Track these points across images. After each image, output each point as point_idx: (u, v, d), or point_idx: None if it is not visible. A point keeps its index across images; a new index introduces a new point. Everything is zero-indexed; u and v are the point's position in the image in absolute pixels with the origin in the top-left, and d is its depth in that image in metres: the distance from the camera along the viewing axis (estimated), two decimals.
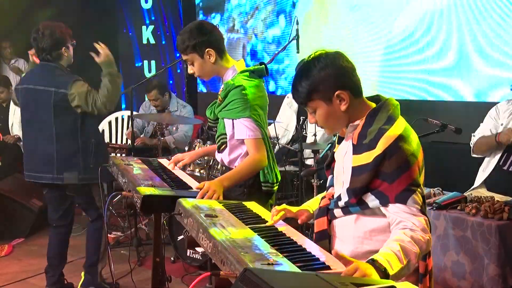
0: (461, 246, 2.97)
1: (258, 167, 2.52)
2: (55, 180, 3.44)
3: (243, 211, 2.07)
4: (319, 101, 1.81)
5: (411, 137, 1.78)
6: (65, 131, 3.41)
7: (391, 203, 1.73)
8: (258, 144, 2.51)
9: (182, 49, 2.56)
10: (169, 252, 4.21)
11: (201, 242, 1.74)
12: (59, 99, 3.35)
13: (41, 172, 3.47)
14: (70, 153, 3.43)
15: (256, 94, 2.52)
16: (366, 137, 1.78)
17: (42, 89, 3.38)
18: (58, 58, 3.43)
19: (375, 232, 1.80)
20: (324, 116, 1.83)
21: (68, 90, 3.34)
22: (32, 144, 3.53)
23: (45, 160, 3.44)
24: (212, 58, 2.54)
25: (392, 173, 1.72)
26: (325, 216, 1.92)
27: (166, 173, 2.74)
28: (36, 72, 3.50)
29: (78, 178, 3.44)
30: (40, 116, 3.42)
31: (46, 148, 3.43)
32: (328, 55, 1.82)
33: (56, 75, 3.40)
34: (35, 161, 3.50)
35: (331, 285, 1.22)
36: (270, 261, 1.48)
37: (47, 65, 3.43)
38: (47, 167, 3.44)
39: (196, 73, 2.61)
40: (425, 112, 4.06)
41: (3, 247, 4.67)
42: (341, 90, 1.79)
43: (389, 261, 1.56)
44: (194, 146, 4.25)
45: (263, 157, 2.51)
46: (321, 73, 1.79)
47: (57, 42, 3.39)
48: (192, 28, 2.55)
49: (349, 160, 1.83)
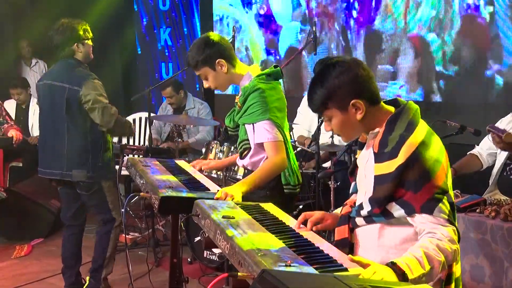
0: (481, 249, 2.93)
1: (278, 170, 2.51)
2: (64, 177, 3.45)
3: (260, 213, 2.07)
4: (334, 110, 1.79)
5: (434, 141, 1.74)
6: (76, 128, 3.42)
7: (417, 213, 1.69)
8: (277, 146, 2.50)
9: (193, 65, 2.58)
10: (186, 253, 4.23)
11: (218, 243, 1.75)
12: (72, 96, 3.36)
13: (51, 167, 3.49)
14: (80, 150, 3.43)
15: (274, 97, 2.52)
16: (387, 145, 1.74)
17: (57, 85, 3.40)
18: (72, 54, 3.43)
19: (401, 241, 1.77)
20: (339, 125, 1.81)
21: (81, 88, 3.35)
22: (45, 140, 3.56)
23: (55, 156, 3.46)
24: (224, 68, 2.56)
25: (417, 182, 1.68)
26: (346, 225, 1.89)
27: (184, 174, 2.75)
28: (55, 68, 3.55)
29: (86, 175, 3.44)
30: (53, 111, 3.45)
31: (57, 143, 3.44)
32: (344, 62, 1.79)
33: (72, 71, 3.42)
34: (47, 156, 3.53)
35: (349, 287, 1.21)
36: (287, 263, 1.47)
37: (65, 61, 3.46)
38: (57, 162, 3.45)
39: (211, 86, 2.62)
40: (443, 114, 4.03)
41: (23, 247, 4.73)
42: (357, 99, 1.75)
43: (409, 265, 1.54)
44: (211, 148, 4.26)
45: (283, 160, 2.50)
46: (336, 81, 1.76)
47: (69, 38, 3.40)
48: (199, 43, 2.58)
49: (371, 168, 1.79)
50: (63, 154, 3.43)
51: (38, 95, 3.65)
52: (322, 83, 1.78)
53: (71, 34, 3.40)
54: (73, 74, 3.40)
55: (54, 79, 3.44)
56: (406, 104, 1.82)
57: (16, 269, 4.31)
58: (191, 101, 5.53)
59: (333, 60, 1.81)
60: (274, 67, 2.62)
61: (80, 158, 3.44)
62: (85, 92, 3.35)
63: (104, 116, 3.39)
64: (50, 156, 3.51)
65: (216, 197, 2.32)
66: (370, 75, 1.80)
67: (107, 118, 3.40)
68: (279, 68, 2.62)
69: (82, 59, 3.48)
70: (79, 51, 3.45)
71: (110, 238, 3.59)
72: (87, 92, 3.35)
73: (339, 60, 1.80)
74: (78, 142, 3.43)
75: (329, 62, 1.81)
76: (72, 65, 3.44)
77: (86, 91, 3.35)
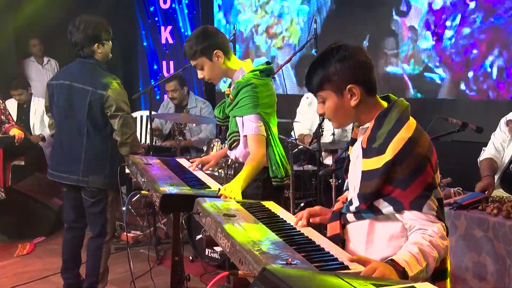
0: (483, 247, 2.93)
1: (261, 164, 2.58)
2: (80, 183, 3.33)
3: (261, 211, 2.07)
4: (330, 92, 1.78)
5: (422, 138, 1.73)
6: (96, 133, 3.30)
7: (406, 210, 1.69)
8: (259, 140, 2.57)
9: (190, 54, 2.62)
10: (188, 251, 4.23)
11: (219, 242, 1.75)
12: (96, 100, 3.23)
13: (68, 172, 3.36)
14: (98, 156, 3.33)
15: (265, 93, 2.59)
16: (376, 141, 1.74)
17: (79, 87, 3.26)
18: (91, 54, 3.29)
19: (390, 237, 1.77)
20: (332, 108, 1.80)
21: (106, 92, 3.22)
22: (61, 142, 3.41)
23: (71, 160, 3.33)
24: (221, 60, 2.61)
25: (405, 179, 1.68)
26: (338, 220, 1.89)
27: (185, 172, 2.75)
28: (73, 68, 3.37)
29: (103, 182, 3.33)
30: (73, 114, 3.30)
31: (75, 147, 3.32)
32: (348, 47, 1.79)
33: (94, 73, 3.29)
34: (62, 159, 3.40)
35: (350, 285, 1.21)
36: (288, 261, 1.47)
37: (85, 62, 3.30)
38: (73, 167, 3.33)
39: (206, 76, 2.67)
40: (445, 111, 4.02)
41: (25, 246, 4.74)
42: (354, 84, 1.75)
43: (408, 262, 1.55)
44: (212, 146, 4.26)
45: (263, 155, 2.57)
46: (337, 64, 1.76)
47: (90, 38, 3.25)
48: (198, 33, 2.64)
49: (360, 164, 1.79)
50: (80, 158, 3.31)
51: (51, 95, 3.41)
52: (323, 64, 1.78)
53: (92, 33, 3.26)
54: (96, 77, 3.27)
55: (75, 80, 3.28)
56: (396, 101, 1.81)
57: (18, 267, 4.32)
58: (193, 100, 5.53)
59: (337, 44, 1.81)
60: (267, 64, 2.68)
61: (98, 164, 3.33)
62: (110, 97, 3.22)
63: (124, 126, 3.27)
64: (66, 159, 3.37)
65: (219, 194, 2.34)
66: (371, 64, 1.81)
67: (125, 129, 3.28)
68: (271, 65, 2.69)
69: (101, 60, 3.35)
70: (98, 51, 3.30)
71: (101, 254, 3.46)
72: (111, 98, 3.22)
73: (343, 44, 1.81)
74: (98, 147, 3.32)
75: (334, 45, 1.81)
76: (93, 66, 3.31)
77: (111, 96, 3.22)
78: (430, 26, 4.78)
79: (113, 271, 3.90)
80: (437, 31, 4.72)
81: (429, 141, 1.76)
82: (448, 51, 4.68)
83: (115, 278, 3.88)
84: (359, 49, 1.81)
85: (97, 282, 3.50)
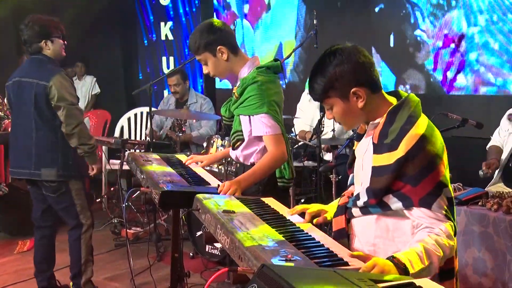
0: (483, 242, 2.93)
1: (278, 163, 2.51)
2: (32, 176, 3.34)
3: (261, 207, 2.06)
4: (336, 99, 1.77)
5: (435, 136, 1.72)
6: (44, 125, 3.31)
7: (416, 207, 1.68)
8: (276, 140, 2.49)
9: (194, 49, 2.56)
10: (189, 248, 4.23)
11: (218, 238, 1.74)
12: (40, 91, 3.26)
13: (20, 167, 3.38)
14: (49, 147, 3.33)
15: (273, 90, 2.51)
16: (388, 137, 1.72)
17: (26, 81, 3.31)
18: (39, 50, 3.33)
19: (397, 233, 1.76)
20: (341, 113, 1.79)
21: (48, 82, 3.25)
22: (16, 139, 3.44)
23: (24, 155, 3.35)
24: (225, 56, 2.54)
25: (416, 176, 1.67)
26: (343, 215, 1.88)
27: (185, 169, 2.75)
28: (24, 65, 3.46)
29: (56, 174, 3.33)
30: (22, 108, 3.35)
31: (26, 141, 3.34)
32: (344, 50, 1.76)
33: (40, 67, 3.33)
34: (16, 155, 3.43)
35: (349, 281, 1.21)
36: (287, 257, 1.47)
37: (34, 58, 3.36)
38: (26, 161, 3.34)
39: (210, 72, 2.60)
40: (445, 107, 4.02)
41: (25, 243, 4.74)
42: (358, 87, 1.74)
43: (410, 259, 1.54)
44: (212, 142, 4.26)
45: (283, 153, 2.49)
46: (336, 70, 1.74)
47: (38, 34, 3.31)
48: (202, 28, 2.56)
49: (369, 159, 1.78)
50: (31, 152, 3.32)
51: (8, 95, 3.48)
52: (322, 72, 1.76)
53: (40, 30, 3.31)
54: (42, 70, 3.31)
55: (23, 76, 3.35)
56: (407, 96, 1.80)
57: (18, 264, 4.32)
58: (194, 95, 5.52)
59: (332, 48, 1.79)
60: (275, 61, 2.60)
61: (49, 156, 3.33)
62: (52, 87, 3.25)
63: (68, 117, 3.27)
64: (20, 155, 3.40)
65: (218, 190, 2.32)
66: (371, 62, 1.78)
67: (70, 119, 3.28)
68: (279, 61, 2.60)
69: (52, 56, 3.37)
70: (47, 48, 3.34)
71: (81, 245, 3.46)
72: (54, 88, 3.25)
73: (338, 48, 1.78)
74: (47, 139, 3.32)
75: (329, 51, 1.79)
76: (41, 61, 3.35)
77: (53, 86, 3.25)
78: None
79: (113, 268, 3.91)
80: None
81: (441, 139, 1.75)
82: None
83: (115, 275, 3.89)
84: (355, 50, 1.78)
85: (80, 274, 3.49)
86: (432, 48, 4.84)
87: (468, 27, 4.57)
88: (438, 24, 4.77)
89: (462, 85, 4.65)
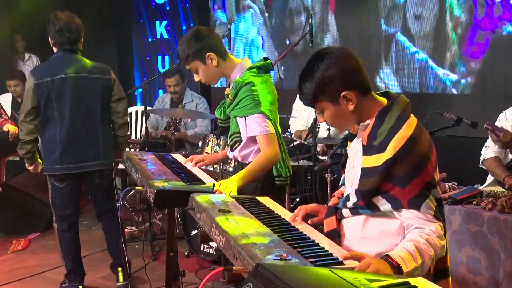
0: (477, 241, 2.94)
1: (271, 163, 2.52)
2: (103, 166, 3.53)
3: (256, 206, 2.07)
4: (326, 103, 1.77)
5: (423, 136, 1.72)
6: (106, 116, 3.56)
7: (405, 209, 1.68)
8: (269, 139, 2.50)
9: (183, 58, 2.58)
10: (184, 247, 4.23)
11: (214, 237, 1.74)
12: (105, 85, 3.50)
13: (88, 160, 3.49)
14: (109, 137, 3.59)
15: (265, 90, 2.53)
16: (376, 138, 1.72)
17: (87, 77, 3.46)
18: (79, 48, 3.51)
19: (385, 234, 1.76)
20: (332, 117, 1.80)
21: (111, 76, 3.53)
22: (74, 134, 3.46)
23: (91, 147, 3.50)
24: (214, 62, 2.55)
25: (404, 177, 1.67)
26: (334, 216, 1.89)
27: (180, 168, 2.74)
28: (66, 61, 3.45)
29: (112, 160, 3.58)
30: (86, 103, 3.48)
31: (90, 134, 3.50)
32: (331, 54, 1.75)
33: (91, 63, 3.51)
34: (78, 150, 3.48)
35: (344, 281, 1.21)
36: (283, 256, 1.47)
37: (72, 56, 3.46)
38: (93, 154, 3.50)
39: (202, 79, 2.63)
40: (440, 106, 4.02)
41: (19, 242, 4.72)
42: (347, 90, 1.73)
43: (403, 258, 1.54)
44: (207, 141, 4.25)
45: (276, 153, 2.51)
46: (325, 75, 1.73)
47: (80, 34, 3.49)
48: (189, 37, 2.58)
49: (359, 160, 1.78)
50: (98, 143, 3.51)
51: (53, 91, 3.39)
52: (311, 77, 1.76)
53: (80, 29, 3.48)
54: (95, 65, 3.51)
55: (79, 72, 3.44)
56: (397, 98, 1.80)
57: (13, 263, 4.31)
58: (189, 95, 5.52)
59: (320, 53, 1.78)
60: (265, 59, 2.62)
61: (110, 145, 3.59)
62: (115, 81, 3.54)
63: (126, 109, 3.60)
64: (83, 148, 3.48)
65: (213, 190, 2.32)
66: (359, 65, 1.77)
67: (126, 111, 3.62)
68: (269, 60, 2.62)
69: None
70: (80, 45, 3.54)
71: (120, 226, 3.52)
72: (116, 82, 3.54)
73: (326, 52, 1.77)
74: (108, 130, 3.59)
75: (316, 55, 1.78)
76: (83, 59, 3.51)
77: (115, 80, 3.54)
78: None
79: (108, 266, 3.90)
80: None
81: (429, 140, 1.75)
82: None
83: (110, 274, 3.88)
84: (343, 53, 1.77)
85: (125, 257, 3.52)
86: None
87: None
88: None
89: (457, 84, 4.66)
